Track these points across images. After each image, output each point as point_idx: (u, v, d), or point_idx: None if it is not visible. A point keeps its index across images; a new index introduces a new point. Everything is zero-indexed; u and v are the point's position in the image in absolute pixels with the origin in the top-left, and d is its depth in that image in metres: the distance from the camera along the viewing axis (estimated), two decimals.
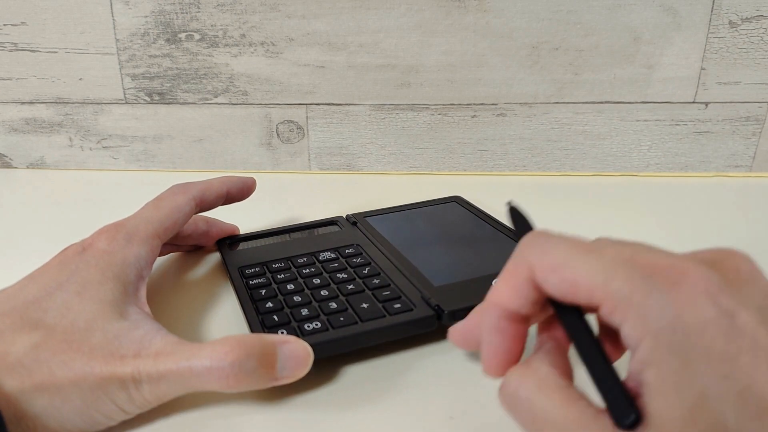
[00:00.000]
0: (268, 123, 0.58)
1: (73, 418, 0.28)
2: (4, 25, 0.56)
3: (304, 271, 0.39)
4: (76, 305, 0.30)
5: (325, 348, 0.32)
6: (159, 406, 0.30)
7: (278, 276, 0.39)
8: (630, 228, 0.48)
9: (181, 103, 0.58)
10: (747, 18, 0.51)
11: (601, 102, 0.55)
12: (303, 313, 0.34)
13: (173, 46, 0.55)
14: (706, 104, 0.55)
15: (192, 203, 0.38)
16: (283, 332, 0.32)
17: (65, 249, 0.34)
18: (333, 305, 0.35)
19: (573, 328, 0.25)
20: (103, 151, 0.60)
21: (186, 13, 0.54)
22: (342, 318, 0.33)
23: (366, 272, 0.38)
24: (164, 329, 0.31)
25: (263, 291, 0.37)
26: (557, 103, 0.55)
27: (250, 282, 0.38)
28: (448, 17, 0.53)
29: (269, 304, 0.35)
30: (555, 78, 0.54)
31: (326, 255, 0.41)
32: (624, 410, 0.22)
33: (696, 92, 0.54)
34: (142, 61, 0.56)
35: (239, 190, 0.42)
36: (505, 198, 0.53)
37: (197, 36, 0.55)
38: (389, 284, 0.37)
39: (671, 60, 0.53)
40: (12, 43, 0.56)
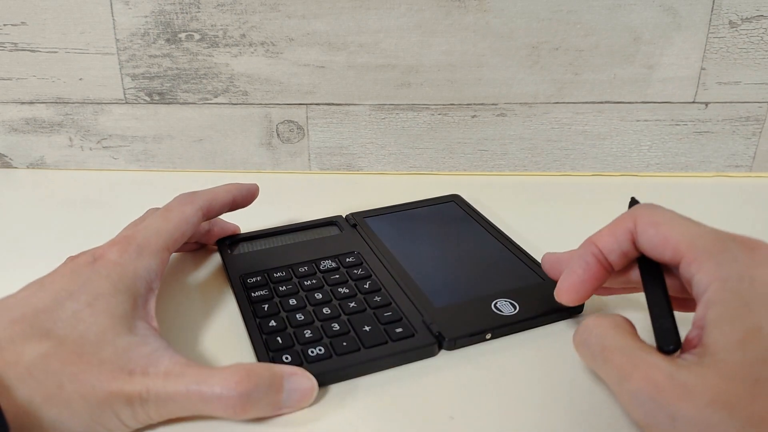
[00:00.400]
0: (268, 123, 0.58)
1: (77, 431, 0.28)
2: (4, 25, 0.56)
3: (306, 283, 0.40)
4: (87, 317, 0.30)
5: (329, 377, 0.33)
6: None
7: (280, 288, 0.40)
8: None
9: (181, 103, 0.58)
10: (747, 18, 0.51)
11: (601, 102, 0.55)
12: (306, 336, 0.35)
13: (173, 46, 0.55)
14: (706, 104, 0.55)
15: (199, 213, 0.39)
16: (288, 357, 0.33)
17: (75, 257, 0.34)
18: (335, 326, 0.36)
19: (648, 277, 0.31)
20: (103, 151, 0.60)
21: (186, 13, 0.54)
22: (345, 343, 0.34)
23: (367, 287, 0.39)
24: (172, 348, 0.31)
25: (266, 306, 0.38)
26: (557, 103, 0.55)
27: (252, 294, 0.39)
28: (448, 17, 0.53)
29: (272, 323, 0.36)
30: (555, 78, 0.54)
31: (327, 264, 0.42)
32: (668, 339, 0.27)
33: (696, 92, 0.54)
34: (142, 61, 0.56)
35: (244, 198, 0.43)
36: (505, 198, 0.54)
37: (197, 36, 0.55)
38: (390, 303, 0.38)
39: (671, 60, 0.53)
40: (12, 43, 0.56)
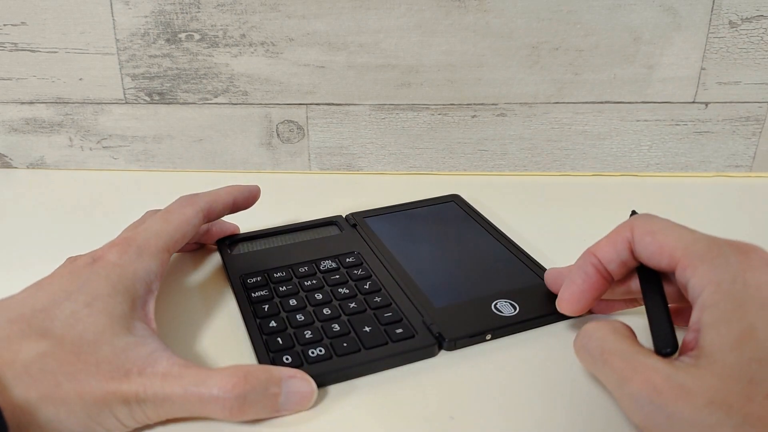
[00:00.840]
0: (268, 123, 0.58)
1: (74, 430, 0.28)
2: (4, 25, 0.56)
3: (306, 283, 0.40)
4: (85, 317, 0.30)
5: (329, 378, 0.33)
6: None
7: (280, 288, 0.39)
8: None
9: (181, 103, 0.58)
10: (747, 18, 0.51)
11: (601, 102, 0.55)
12: (307, 336, 0.35)
13: (173, 46, 0.55)
14: (706, 104, 0.55)
15: (200, 215, 0.38)
16: (288, 358, 0.33)
17: (74, 259, 0.34)
18: (336, 327, 0.36)
19: (647, 283, 0.31)
20: (103, 151, 0.60)
21: (186, 13, 0.54)
22: (345, 344, 0.34)
23: (367, 288, 0.39)
24: (170, 349, 0.31)
25: (266, 307, 0.38)
26: (557, 103, 0.55)
27: (253, 295, 0.39)
28: (448, 17, 0.53)
29: (273, 323, 0.36)
30: (555, 78, 0.54)
31: (327, 264, 0.42)
32: (665, 341, 0.27)
33: (696, 92, 0.54)
34: (142, 61, 0.56)
35: (245, 200, 0.43)
36: (505, 198, 0.54)
37: (197, 36, 0.55)
38: (390, 303, 0.38)
39: (671, 60, 0.53)
40: (12, 43, 0.56)
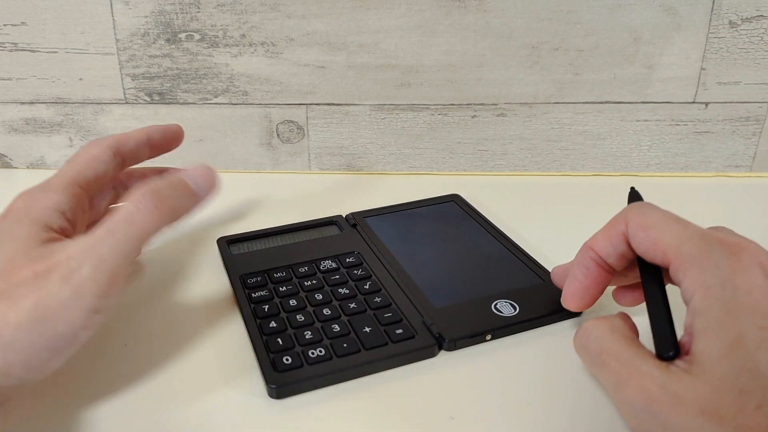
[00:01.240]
0: (268, 123, 0.58)
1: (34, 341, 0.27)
2: (4, 25, 0.56)
3: (306, 284, 0.40)
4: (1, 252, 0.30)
5: (330, 379, 0.33)
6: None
7: (280, 288, 0.39)
8: None
9: (181, 103, 0.58)
10: (747, 18, 0.51)
11: (601, 102, 0.55)
12: (307, 337, 0.35)
13: (173, 46, 0.55)
14: (706, 104, 0.55)
15: (109, 152, 0.37)
16: (288, 359, 0.33)
17: None
18: (336, 327, 0.36)
19: (647, 280, 0.31)
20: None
21: (186, 13, 0.54)
22: (345, 344, 0.34)
23: (367, 288, 0.39)
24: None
25: (266, 307, 0.38)
26: (557, 103, 0.55)
27: (253, 295, 0.39)
28: (448, 17, 0.53)
29: (273, 324, 0.36)
30: (555, 78, 0.54)
31: (327, 264, 0.42)
32: (666, 345, 0.27)
33: (696, 92, 0.54)
34: (142, 61, 0.56)
35: (162, 136, 0.41)
36: (506, 198, 0.53)
37: (197, 36, 0.55)
38: (390, 304, 0.38)
39: (671, 60, 0.53)
40: (12, 43, 0.56)
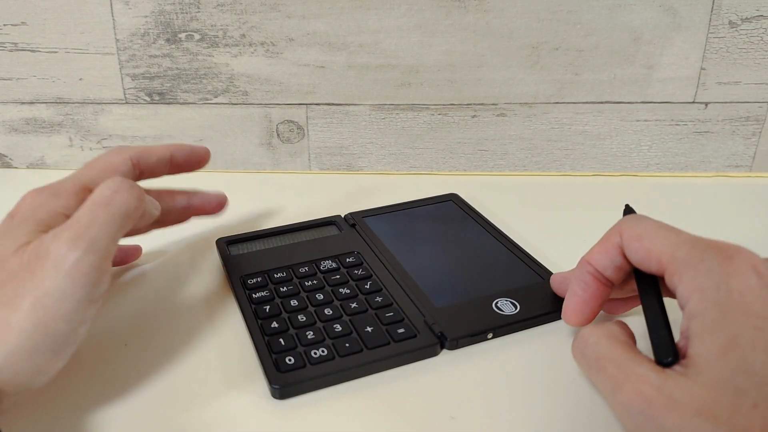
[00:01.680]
0: (268, 123, 0.58)
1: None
2: (4, 25, 0.56)
3: (307, 284, 0.40)
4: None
5: (332, 378, 0.33)
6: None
7: (281, 289, 0.39)
8: None
9: (181, 103, 0.58)
10: (747, 18, 0.51)
11: (601, 102, 0.55)
12: (309, 337, 0.35)
13: (173, 46, 0.55)
14: (706, 104, 0.55)
15: (128, 163, 0.36)
16: (291, 359, 0.33)
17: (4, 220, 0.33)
18: (338, 327, 0.36)
19: (643, 289, 0.31)
20: (103, 152, 0.60)
21: (186, 13, 0.54)
22: (347, 344, 0.34)
23: (368, 288, 0.39)
24: None
25: (267, 307, 0.38)
26: (557, 103, 0.55)
27: (254, 295, 0.39)
28: (448, 17, 0.53)
29: (274, 324, 0.36)
30: (555, 78, 0.54)
31: (327, 264, 0.42)
32: (665, 351, 0.27)
33: (696, 92, 0.54)
34: (142, 61, 0.56)
35: (186, 157, 0.40)
36: (505, 198, 0.54)
37: (197, 36, 0.55)
38: (392, 303, 0.38)
39: (671, 60, 0.53)
40: (12, 43, 0.56)
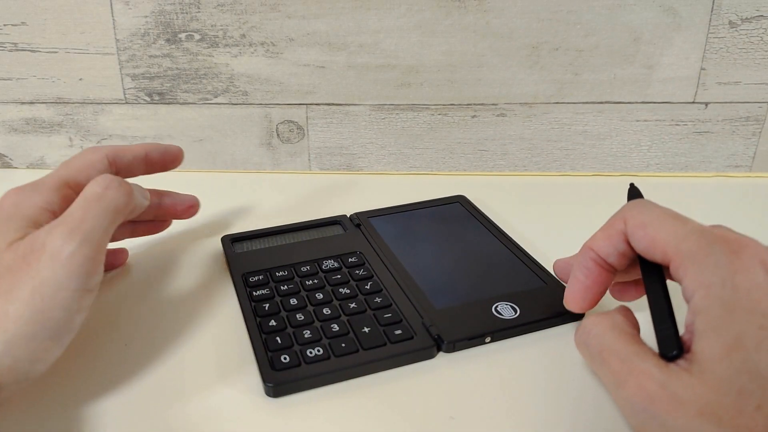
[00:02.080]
0: (268, 123, 0.58)
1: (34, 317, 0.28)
2: (4, 25, 0.56)
3: (308, 283, 0.40)
4: None
5: (327, 378, 0.33)
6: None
7: (282, 287, 0.39)
8: None
9: (181, 103, 0.58)
10: (747, 18, 0.51)
11: (601, 102, 0.55)
12: (305, 336, 0.35)
13: (173, 46, 0.55)
14: (706, 104, 0.55)
15: (105, 161, 0.37)
16: (286, 358, 0.33)
17: None
18: (335, 327, 0.36)
19: (649, 278, 0.30)
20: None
21: (186, 13, 0.54)
22: (344, 344, 0.34)
23: (368, 288, 0.39)
24: None
25: (266, 305, 0.38)
26: (557, 103, 0.55)
27: (254, 293, 0.39)
28: (448, 17, 0.53)
29: (272, 322, 0.36)
30: (555, 78, 0.54)
31: (329, 264, 0.42)
32: (669, 345, 0.27)
33: (696, 92, 0.54)
34: (142, 61, 0.56)
35: (161, 155, 0.41)
36: (505, 198, 0.54)
37: (197, 36, 0.55)
38: (390, 304, 0.38)
39: (671, 60, 0.53)
40: (12, 43, 0.56)
